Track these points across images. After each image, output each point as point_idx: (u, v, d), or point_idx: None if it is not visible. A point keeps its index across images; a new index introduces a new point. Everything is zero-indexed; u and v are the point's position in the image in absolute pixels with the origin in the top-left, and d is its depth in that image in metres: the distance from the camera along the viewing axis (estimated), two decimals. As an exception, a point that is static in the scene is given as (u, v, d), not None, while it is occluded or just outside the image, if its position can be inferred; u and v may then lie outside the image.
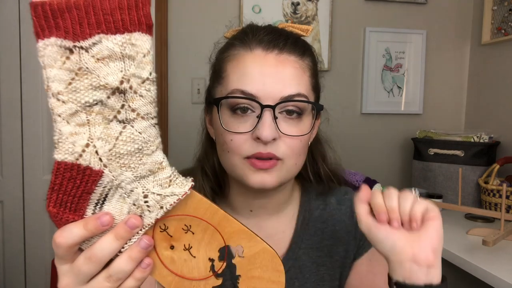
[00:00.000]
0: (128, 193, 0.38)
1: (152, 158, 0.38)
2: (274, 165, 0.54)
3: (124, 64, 0.36)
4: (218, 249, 0.40)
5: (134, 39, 0.35)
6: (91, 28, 0.35)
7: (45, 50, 0.36)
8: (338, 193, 0.71)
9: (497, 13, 1.88)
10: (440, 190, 1.79)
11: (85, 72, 0.36)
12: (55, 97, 0.36)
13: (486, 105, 1.97)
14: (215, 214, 0.40)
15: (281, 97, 0.53)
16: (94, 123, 0.37)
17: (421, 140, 1.88)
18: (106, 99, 0.36)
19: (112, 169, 0.37)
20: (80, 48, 0.35)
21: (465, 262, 1.17)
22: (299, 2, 1.90)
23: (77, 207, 0.38)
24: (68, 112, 0.36)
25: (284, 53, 0.55)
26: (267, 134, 0.52)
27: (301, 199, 0.69)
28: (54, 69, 0.36)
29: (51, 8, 0.34)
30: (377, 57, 2.00)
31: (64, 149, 0.37)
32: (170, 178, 0.39)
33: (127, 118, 0.37)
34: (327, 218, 0.68)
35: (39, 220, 1.83)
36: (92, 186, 0.37)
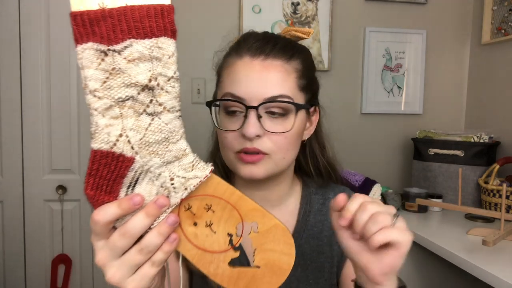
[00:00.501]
0: (156, 177, 0.44)
1: (177, 146, 0.44)
2: (261, 159, 0.61)
3: (152, 65, 0.41)
4: (236, 225, 0.45)
5: (160, 43, 0.41)
6: (123, 33, 0.40)
7: (83, 53, 0.40)
8: (337, 189, 0.77)
9: (497, 13, 1.88)
10: (440, 190, 1.79)
11: (118, 72, 0.41)
12: (92, 93, 0.41)
13: (486, 105, 1.97)
14: (233, 194, 0.45)
15: (265, 98, 0.60)
16: (126, 116, 0.42)
17: (421, 140, 1.88)
18: (137, 95, 0.42)
19: (142, 156, 0.43)
20: (114, 51, 0.40)
21: (465, 262, 1.17)
22: (299, 2, 1.90)
23: (111, 190, 0.43)
24: (103, 107, 0.42)
25: (269, 59, 0.62)
26: (251, 131, 0.59)
27: (302, 193, 0.75)
28: (91, 69, 0.41)
29: (88, 17, 0.39)
30: (377, 57, 2.00)
31: (100, 139, 0.42)
32: (193, 163, 0.44)
33: (155, 111, 0.42)
34: (326, 211, 0.73)
35: (39, 220, 1.83)
36: (125, 171, 0.43)
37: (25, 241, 1.83)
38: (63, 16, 1.78)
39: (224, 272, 0.45)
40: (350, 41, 1.98)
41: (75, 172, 1.84)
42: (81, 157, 1.84)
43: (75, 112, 1.82)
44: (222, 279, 0.45)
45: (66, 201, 1.84)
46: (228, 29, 1.88)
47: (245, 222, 0.45)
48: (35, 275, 1.84)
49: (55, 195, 1.83)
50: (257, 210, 0.45)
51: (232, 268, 0.45)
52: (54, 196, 1.83)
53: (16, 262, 1.83)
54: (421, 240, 1.40)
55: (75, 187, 1.84)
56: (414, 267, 1.59)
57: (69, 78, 1.80)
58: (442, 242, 1.31)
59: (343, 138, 1.95)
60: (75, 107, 1.82)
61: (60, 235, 1.84)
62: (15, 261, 1.82)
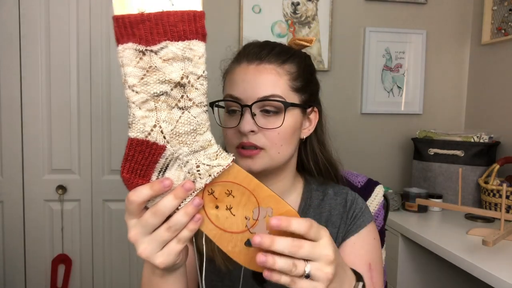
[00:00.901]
0: (184, 164, 0.49)
1: (203, 137, 0.49)
2: (257, 154, 0.67)
3: (184, 64, 0.46)
4: (252, 210, 0.50)
5: (192, 45, 0.45)
6: (160, 36, 0.45)
7: (124, 52, 0.45)
8: (336, 187, 0.81)
9: (497, 13, 1.88)
10: (440, 190, 1.79)
11: (154, 70, 0.46)
12: (130, 88, 0.46)
13: (486, 105, 1.97)
14: (251, 182, 0.50)
15: (258, 98, 0.67)
16: (160, 109, 0.47)
17: (421, 140, 1.88)
18: (170, 91, 0.47)
19: (173, 145, 0.48)
20: (151, 51, 0.45)
21: (465, 262, 1.17)
22: (299, 2, 1.90)
23: (145, 174, 0.49)
24: (140, 101, 0.47)
25: (263, 63, 0.69)
26: (245, 127, 0.66)
27: (304, 189, 0.80)
28: (130, 67, 0.46)
29: (129, 20, 0.44)
30: (377, 57, 2.00)
31: (136, 129, 0.48)
32: (217, 153, 0.50)
33: (185, 106, 0.47)
34: (324, 206, 0.78)
35: (39, 220, 1.83)
36: (157, 157, 0.48)
37: (25, 241, 1.83)
38: (63, 16, 1.78)
39: (241, 251, 0.51)
40: (350, 41, 1.98)
41: (75, 172, 1.84)
42: (81, 157, 1.84)
43: (75, 112, 1.82)
44: (239, 257, 0.51)
45: (66, 201, 1.84)
46: (228, 29, 1.89)
47: (261, 207, 0.50)
48: (35, 275, 1.84)
49: (55, 195, 1.83)
50: (272, 197, 0.50)
51: (248, 247, 0.50)
52: (54, 196, 1.83)
53: (16, 262, 1.83)
54: (421, 240, 1.40)
55: (75, 187, 1.84)
56: (414, 267, 1.59)
57: (69, 78, 1.80)
58: (442, 242, 1.31)
59: (343, 138, 1.95)
60: (75, 107, 1.82)
61: (60, 235, 1.84)
62: (15, 261, 1.83)
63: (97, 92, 1.83)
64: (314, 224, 0.48)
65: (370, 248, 0.74)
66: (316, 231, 0.47)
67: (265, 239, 0.46)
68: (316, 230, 0.48)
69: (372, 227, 0.77)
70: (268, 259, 0.45)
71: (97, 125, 1.84)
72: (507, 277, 1.03)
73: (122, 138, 1.87)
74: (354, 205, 0.77)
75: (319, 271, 0.46)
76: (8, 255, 1.82)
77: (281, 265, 0.45)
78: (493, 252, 1.21)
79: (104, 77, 1.84)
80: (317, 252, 0.47)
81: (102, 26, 1.82)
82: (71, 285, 1.87)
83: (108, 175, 1.87)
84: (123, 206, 0.51)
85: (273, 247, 0.45)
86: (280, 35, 1.89)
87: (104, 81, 1.84)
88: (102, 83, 1.84)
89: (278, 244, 0.45)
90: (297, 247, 0.46)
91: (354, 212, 0.76)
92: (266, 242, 0.46)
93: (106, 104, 1.84)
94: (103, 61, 1.83)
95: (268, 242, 0.45)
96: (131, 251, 1.91)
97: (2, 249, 1.82)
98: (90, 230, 1.87)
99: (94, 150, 1.85)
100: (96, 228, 1.87)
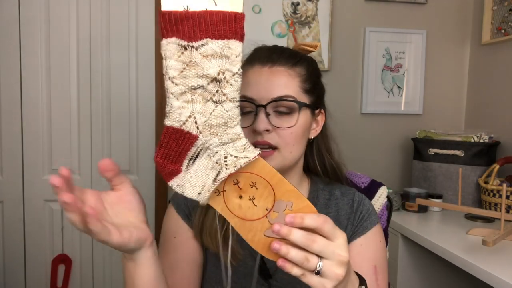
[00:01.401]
0: (214, 154, 0.52)
1: (233, 130, 0.52)
2: (271, 155, 0.69)
3: (222, 61, 0.49)
4: (273, 203, 0.52)
5: (230, 44, 0.48)
6: (201, 33, 0.48)
7: (167, 46, 0.48)
8: (343, 188, 0.82)
9: (497, 13, 1.88)
10: (440, 190, 1.79)
11: (193, 64, 0.49)
12: (170, 80, 0.49)
13: (486, 105, 1.97)
14: (274, 176, 0.52)
15: (271, 98, 0.69)
16: (196, 101, 0.50)
17: (421, 140, 1.88)
18: (207, 85, 0.49)
19: (204, 135, 0.52)
20: (192, 47, 0.48)
21: (465, 262, 1.17)
22: (299, 2, 1.90)
23: (177, 160, 0.53)
24: (178, 92, 0.50)
25: (275, 66, 0.71)
26: (260, 126, 0.68)
27: (310, 189, 0.81)
28: (172, 60, 0.49)
29: (174, 16, 0.47)
30: (377, 57, 2.00)
31: (172, 118, 0.51)
32: (244, 146, 0.52)
33: (219, 100, 0.50)
34: (331, 206, 0.79)
35: (39, 220, 1.83)
36: (189, 146, 0.52)
37: (25, 241, 1.83)
38: (63, 16, 1.78)
39: (260, 240, 0.53)
40: (350, 41, 1.98)
41: (75, 172, 1.84)
42: (81, 157, 1.84)
43: (75, 111, 1.82)
44: (257, 246, 0.53)
45: (66, 201, 1.84)
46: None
47: (282, 200, 0.52)
48: (35, 275, 1.84)
49: (55, 195, 1.82)
50: (293, 192, 0.52)
51: (266, 237, 0.52)
52: (54, 196, 1.82)
53: (16, 262, 1.83)
54: (421, 240, 1.40)
55: (75, 187, 1.84)
56: (414, 267, 1.59)
57: (69, 78, 1.80)
58: (442, 242, 1.31)
59: (343, 138, 1.94)
60: (75, 106, 1.82)
61: (60, 235, 1.84)
62: (15, 261, 1.83)
63: (97, 92, 1.83)
64: (330, 222, 0.49)
65: (376, 250, 0.75)
66: (331, 229, 0.49)
67: (283, 227, 0.48)
68: (332, 228, 0.49)
69: (378, 228, 0.77)
70: (282, 247, 0.48)
71: (97, 125, 1.84)
72: (507, 277, 1.03)
73: (122, 138, 1.87)
74: (361, 206, 0.78)
75: (331, 270, 0.48)
76: (8, 255, 1.82)
77: (293, 255, 0.47)
78: (493, 252, 1.21)
79: (104, 77, 1.84)
80: (331, 250, 0.48)
81: (102, 26, 1.82)
82: (71, 285, 1.87)
83: (108, 175, 1.86)
84: None
85: (290, 236, 0.48)
86: (280, 35, 1.89)
87: (104, 81, 1.84)
88: (102, 83, 1.84)
89: (294, 234, 0.48)
90: (311, 240, 0.48)
91: (361, 213, 0.77)
92: (283, 231, 0.48)
93: (106, 104, 1.84)
94: (103, 61, 1.83)
95: (286, 231, 0.48)
96: (131, 251, 1.91)
97: (2, 249, 1.82)
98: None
99: (94, 150, 1.85)
100: (96, 228, 1.87)
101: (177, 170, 0.53)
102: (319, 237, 0.48)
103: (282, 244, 0.48)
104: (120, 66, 1.85)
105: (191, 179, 0.53)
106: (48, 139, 1.81)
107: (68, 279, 1.85)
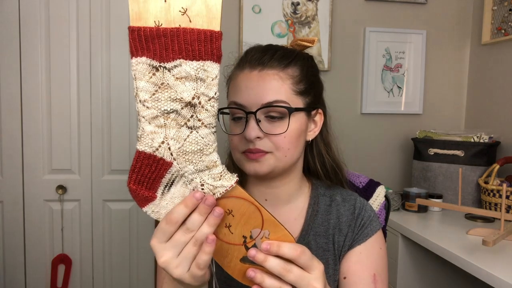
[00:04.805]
0: (189, 181, 0.50)
1: (209, 158, 0.49)
2: (263, 156, 0.67)
3: (196, 84, 0.45)
4: (250, 230, 0.51)
5: (206, 66, 0.45)
6: (174, 53, 0.44)
7: (137, 66, 0.45)
8: (344, 193, 0.80)
9: (497, 13, 1.88)
10: (440, 190, 1.79)
11: (166, 87, 0.45)
12: (141, 103, 0.46)
13: (486, 105, 1.97)
14: (250, 206, 0.51)
15: (262, 104, 0.66)
16: (169, 126, 0.47)
17: (421, 140, 1.88)
18: (180, 110, 0.46)
19: (179, 162, 0.49)
20: (164, 68, 0.45)
21: (465, 262, 1.17)
22: (299, 2, 1.90)
23: (151, 187, 0.50)
24: (150, 116, 0.47)
25: (265, 69, 0.68)
26: (251, 134, 0.65)
27: (311, 194, 0.79)
28: (143, 81, 0.45)
29: (144, 33, 0.43)
30: (377, 57, 2.00)
31: (144, 143, 0.48)
32: (221, 174, 0.50)
33: (194, 125, 0.47)
34: (332, 212, 0.78)
35: (39, 220, 1.83)
36: (163, 172, 0.49)
37: (25, 241, 1.83)
38: (63, 16, 1.78)
39: (236, 266, 0.52)
40: (350, 41, 1.98)
41: (75, 172, 1.84)
42: (81, 157, 1.84)
43: (75, 112, 1.82)
44: (233, 271, 0.52)
45: (66, 201, 1.84)
46: (228, 29, 1.89)
47: (258, 229, 0.51)
48: (35, 275, 1.84)
49: (55, 195, 1.83)
50: (271, 221, 0.51)
51: (242, 263, 0.52)
52: (54, 196, 1.83)
53: (16, 262, 1.83)
54: (421, 240, 1.40)
55: (75, 187, 1.84)
56: (414, 267, 1.59)
57: (69, 78, 1.80)
58: (442, 242, 1.31)
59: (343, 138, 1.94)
60: (75, 107, 1.82)
61: (60, 235, 1.84)
62: (15, 261, 1.83)
63: (97, 92, 1.83)
64: (307, 253, 0.49)
65: (376, 258, 0.74)
66: (308, 260, 0.49)
67: (259, 253, 0.48)
68: (309, 259, 0.49)
69: (379, 236, 0.77)
70: (257, 275, 0.48)
71: (97, 125, 1.84)
72: (507, 277, 1.03)
73: (122, 138, 1.87)
74: (363, 213, 0.77)
75: None
76: (8, 255, 1.82)
77: (268, 284, 0.48)
78: (493, 252, 1.21)
79: (104, 77, 1.84)
80: (305, 281, 0.48)
81: (102, 26, 1.82)
82: (71, 285, 1.87)
83: (108, 175, 1.87)
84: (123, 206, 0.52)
85: (265, 263, 0.48)
86: (280, 35, 1.89)
87: (104, 81, 1.84)
88: (102, 83, 1.84)
89: (269, 262, 0.48)
90: (286, 270, 0.48)
91: (362, 220, 0.76)
92: (260, 257, 0.48)
93: (106, 104, 1.84)
94: (103, 61, 1.83)
95: (262, 257, 0.48)
96: (131, 251, 1.91)
97: (2, 249, 1.82)
98: (90, 230, 1.87)
99: (94, 150, 1.85)
100: (96, 228, 1.87)
101: (151, 196, 0.51)
102: (294, 267, 0.48)
103: (258, 272, 0.48)
104: (120, 66, 1.85)
105: (167, 206, 0.51)
106: (48, 139, 1.81)
107: (68, 279, 1.85)
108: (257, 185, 0.76)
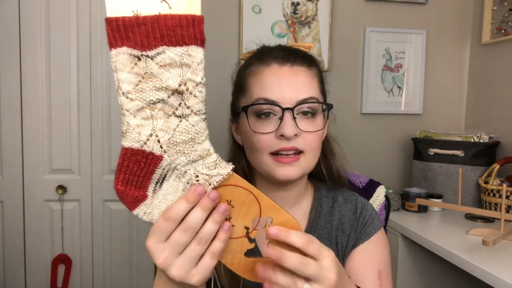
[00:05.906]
0: (183, 174, 0.47)
1: (201, 146, 0.46)
2: (297, 160, 0.65)
3: (182, 71, 0.43)
4: (252, 220, 0.49)
5: (190, 51, 0.43)
6: (156, 40, 0.42)
7: (117, 57, 0.43)
8: (346, 194, 0.81)
9: (497, 13, 1.88)
10: (440, 190, 1.79)
11: (150, 76, 0.43)
12: (124, 95, 0.44)
13: (486, 105, 1.97)
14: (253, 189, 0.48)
15: (297, 101, 0.64)
16: (156, 117, 0.45)
17: (421, 140, 1.88)
18: (167, 98, 0.44)
19: (170, 154, 0.46)
20: (147, 57, 0.43)
21: (465, 262, 1.17)
22: (299, 2, 1.90)
23: (141, 185, 0.47)
24: (135, 108, 0.44)
25: (295, 65, 0.67)
26: (290, 131, 0.62)
27: (314, 196, 0.79)
28: (124, 72, 0.43)
29: (123, 23, 0.42)
30: (377, 57, 2.00)
31: (131, 138, 0.45)
32: (216, 162, 0.47)
33: (183, 114, 0.45)
34: (335, 213, 0.78)
35: (39, 220, 1.83)
36: (154, 168, 0.46)
37: (25, 241, 1.83)
38: (63, 16, 1.78)
39: (240, 262, 0.49)
40: (350, 41, 1.98)
41: (75, 172, 1.84)
42: (81, 157, 1.84)
43: (75, 112, 1.82)
44: (238, 269, 0.49)
45: (66, 201, 1.84)
46: (228, 29, 1.89)
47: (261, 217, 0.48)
48: (35, 275, 1.84)
49: (55, 195, 1.83)
50: (272, 206, 0.48)
51: (247, 258, 0.49)
52: (54, 196, 1.83)
53: (16, 262, 1.83)
54: (421, 240, 1.40)
55: (75, 187, 1.84)
56: (414, 267, 1.59)
57: (69, 78, 1.80)
58: (442, 242, 1.31)
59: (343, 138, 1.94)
60: (75, 107, 1.82)
61: (60, 235, 1.84)
62: (15, 261, 1.82)
63: (97, 92, 1.83)
64: (315, 241, 0.46)
65: (379, 255, 0.74)
66: (317, 249, 0.46)
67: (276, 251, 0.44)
68: (317, 248, 0.46)
69: (382, 233, 0.77)
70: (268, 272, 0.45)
71: (97, 125, 1.84)
72: (507, 277, 1.03)
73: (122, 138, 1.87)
74: (364, 212, 0.77)
75: None
76: (8, 255, 1.82)
77: (281, 280, 0.45)
78: (493, 252, 1.21)
79: (104, 77, 1.83)
80: (322, 274, 0.45)
81: (102, 26, 1.82)
82: (71, 285, 1.87)
83: (108, 175, 1.87)
84: (123, 206, 0.50)
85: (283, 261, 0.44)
86: (280, 35, 1.89)
87: (104, 81, 1.84)
88: (102, 83, 1.84)
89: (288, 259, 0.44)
90: (304, 264, 0.44)
91: (364, 219, 0.76)
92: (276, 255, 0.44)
93: (106, 104, 1.84)
94: (103, 61, 1.83)
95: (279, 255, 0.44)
96: (131, 251, 1.91)
97: (2, 249, 1.81)
98: (90, 230, 1.87)
99: (94, 150, 1.85)
100: (96, 228, 1.87)
101: (142, 196, 0.47)
102: (311, 260, 0.45)
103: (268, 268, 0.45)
104: (120, 66, 1.84)
105: (160, 205, 0.47)
106: (48, 139, 1.81)
107: (68, 279, 1.85)
108: (266, 188, 0.73)
